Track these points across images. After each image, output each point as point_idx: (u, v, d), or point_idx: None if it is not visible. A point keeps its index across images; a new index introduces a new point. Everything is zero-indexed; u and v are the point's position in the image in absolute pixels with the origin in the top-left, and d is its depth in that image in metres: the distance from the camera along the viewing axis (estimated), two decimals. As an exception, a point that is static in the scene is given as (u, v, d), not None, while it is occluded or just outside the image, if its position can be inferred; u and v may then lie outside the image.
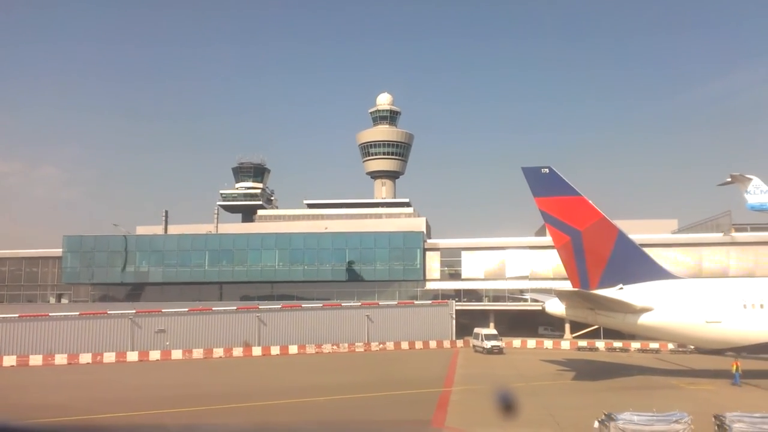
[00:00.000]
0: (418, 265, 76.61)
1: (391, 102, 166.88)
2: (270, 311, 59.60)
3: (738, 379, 36.37)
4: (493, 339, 58.82)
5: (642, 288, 39.60)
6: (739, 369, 36.67)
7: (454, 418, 26.10)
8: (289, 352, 57.05)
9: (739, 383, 36.17)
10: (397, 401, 30.41)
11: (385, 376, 41.65)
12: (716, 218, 73.66)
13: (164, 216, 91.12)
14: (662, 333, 41.45)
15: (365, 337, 62.57)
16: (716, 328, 37.88)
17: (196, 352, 53.73)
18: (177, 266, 77.78)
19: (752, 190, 79.44)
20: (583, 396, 31.71)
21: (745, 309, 37.92)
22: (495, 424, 24.99)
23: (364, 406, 29.00)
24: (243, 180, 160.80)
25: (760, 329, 37.54)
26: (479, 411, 28.31)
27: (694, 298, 38.82)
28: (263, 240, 78.23)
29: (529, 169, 42.54)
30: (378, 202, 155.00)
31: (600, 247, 40.86)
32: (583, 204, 41.45)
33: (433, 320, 66.72)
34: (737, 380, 36.36)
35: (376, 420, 24.04)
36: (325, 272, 77.04)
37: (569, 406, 29.20)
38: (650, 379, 40.33)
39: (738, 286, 41.67)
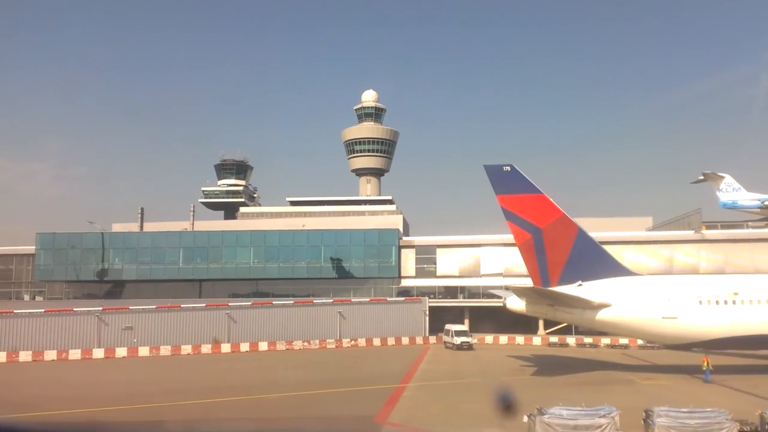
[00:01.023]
0: (393, 263, 76.78)
1: (377, 99, 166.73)
2: (240, 308, 59.45)
3: (708, 375, 35.66)
4: (463, 335, 59.21)
5: (600, 284, 40.01)
6: (709, 365, 36.03)
7: (399, 414, 26.25)
8: (259, 349, 56.93)
9: (708, 380, 35.42)
10: (349, 397, 30.56)
11: (346, 373, 41.79)
12: (687, 216, 74.53)
13: (140, 213, 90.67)
14: (619, 328, 41.94)
15: (337, 333, 62.65)
16: (672, 324, 38.39)
17: (163, 349, 53.49)
18: (151, 264, 77.38)
19: (724, 188, 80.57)
20: (536, 391, 31.82)
21: (700, 305, 38.45)
22: (437, 419, 25.36)
23: (314, 402, 29.05)
24: (225, 177, 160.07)
25: (715, 325, 38.12)
26: (426, 407, 28.60)
27: (651, 294, 39.32)
28: (238, 237, 78.04)
29: (491, 167, 42.78)
30: (361, 200, 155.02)
31: (560, 244, 41.21)
32: (543, 201, 41.77)
33: (406, 317, 66.91)
34: (707, 377, 35.60)
35: (318, 416, 24.10)
36: (300, 269, 77.02)
37: (519, 401, 29.41)
38: (609, 375, 40.78)
39: (694, 282, 42.23)
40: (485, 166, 42.96)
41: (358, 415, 24.34)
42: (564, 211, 41.90)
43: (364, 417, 24.14)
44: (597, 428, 18.66)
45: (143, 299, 63.90)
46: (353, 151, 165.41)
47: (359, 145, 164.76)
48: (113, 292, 79.10)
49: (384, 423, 23.18)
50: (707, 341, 39.03)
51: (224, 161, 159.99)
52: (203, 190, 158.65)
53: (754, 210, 78.43)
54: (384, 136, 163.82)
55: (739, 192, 79.47)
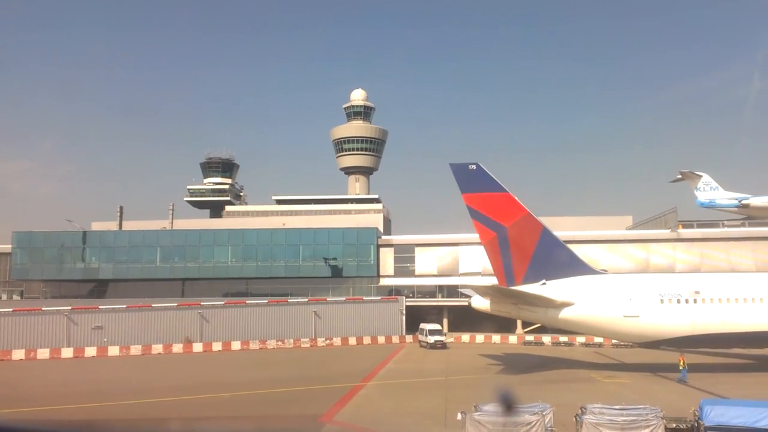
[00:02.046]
0: (372, 262, 76.66)
1: (365, 98, 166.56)
2: (213, 308, 59.20)
3: (684, 374, 35.09)
4: (436, 334, 59.25)
5: (564, 283, 40.13)
6: (685, 364, 35.60)
7: (347, 413, 26.21)
8: (232, 349, 56.73)
9: (686, 379, 34.82)
10: (304, 396, 30.49)
11: (310, 372, 41.71)
12: (664, 215, 74.90)
13: (119, 212, 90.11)
14: (582, 327, 42.08)
15: (312, 333, 62.53)
16: (633, 322, 38.56)
17: (133, 348, 53.21)
18: (128, 263, 76.90)
19: (702, 187, 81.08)
20: (490, 390, 31.94)
21: (662, 303, 38.63)
22: (384, 417, 25.32)
23: (266, 401, 28.98)
24: (211, 175, 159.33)
25: (676, 323, 38.32)
26: (377, 405, 28.57)
27: (613, 293, 39.46)
28: (216, 236, 77.67)
29: (456, 166, 42.82)
30: (347, 198, 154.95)
31: (525, 243, 41.29)
32: (508, 200, 41.84)
33: (382, 316, 66.87)
34: (684, 376, 35.04)
35: (263, 415, 24.01)
36: (278, 269, 76.78)
37: (470, 399, 29.42)
38: (573, 373, 40.87)
39: (656, 281, 42.37)
40: (451, 165, 43.00)
41: (303, 414, 24.26)
42: (529, 210, 42.00)
43: (309, 415, 24.05)
44: (526, 425, 18.67)
45: (126, 299, 63.39)
46: (342, 149, 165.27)
47: (348, 144, 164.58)
48: (97, 291, 78.58)
49: (328, 422, 23.09)
50: (669, 339, 39.25)
51: (210, 159, 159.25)
52: (189, 189, 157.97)
53: (732, 209, 78.97)
54: (373, 135, 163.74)
55: (717, 191, 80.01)
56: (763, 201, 76.68)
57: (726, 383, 34.25)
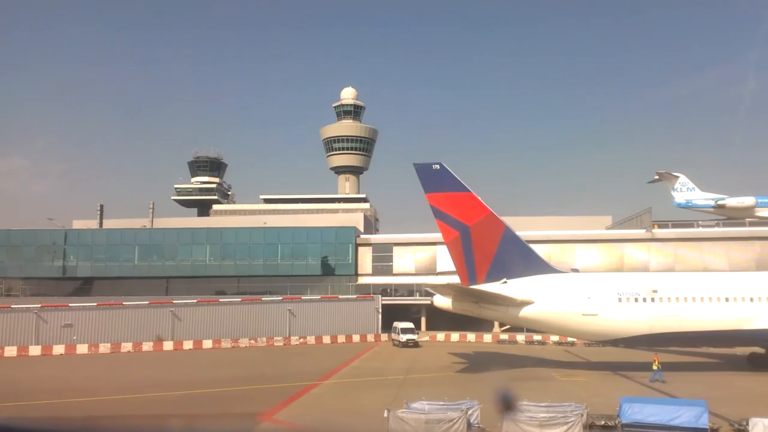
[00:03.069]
0: (350, 260, 76.85)
1: (356, 96, 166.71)
2: (186, 306, 59.17)
3: (659, 374, 34.78)
4: (409, 332, 59.40)
5: (524, 282, 40.35)
6: (659, 364, 35.38)
7: (291, 411, 26.33)
8: (203, 347, 56.78)
9: (662, 379, 34.54)
10: (254, 395, 30.63)
11: (272, 370, 41.80)
12: (639, 215, 75.29)
13: (99, 210, 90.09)
14: (542, 325, 42.33)
15: (287, 331, 62.61)
16: (592, 321, 38.81)
17: (102, 346, 53.19)
18: (106, 261, 76.81)
19: (679, 188, 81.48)
20: (444, 387, 32.06)
21: (620, 302, 38.90)
22: (325, 415, 25.46)
23: (214, 399, 29.09)
24: (199, 174, 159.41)
25: (634, 322, 38.58)
26: (324, 404, 28.71)
27: (572, 292, 39.69)
28: (194, 235, 77.65)
29: (420, 165, 42.97)
30: (335, 198, 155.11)
31: (487, 242, 41.47)
32: (471, 200, 42.01)
33: (358, 315, 67.00)
34: (659, 376, 34.70)
35: (201, 414, 24.10)
36: (256, 267, 76.80)
37: (419, 397, 29.63)
38: (533, 371, 41.04)
39: (615, 280, 42.63)
40: (415, 165, 43.15)
41: (243, 412, 24.40)
42: (491, 210, 42.19)
43: (248, 414, 24.23)
44: (448, 422, 18.84)
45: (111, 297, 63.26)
46: (332, 149, 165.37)
47: (338, 143, 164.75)
48: (82, 290, 78.31)
49: (266, 420, 23.21)
50: (627, 338, 39.53)
51: (198, 158, 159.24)
52: (176, 188, 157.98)
53: (708, 210, 79.42)
54: (363, 134, 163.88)
55: (694, 192, 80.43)
56: (739, 202, 77.18)
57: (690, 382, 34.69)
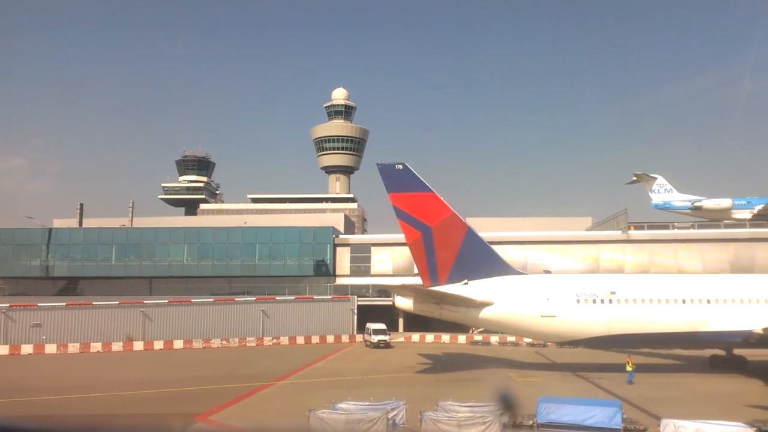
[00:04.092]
0: (328, 261, 76.89)
1: (347, 97, 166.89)
2: (156, 306, 59.06)
3: (631, 376, 34.93)
4: (380, 333, 59.38)
5: (485, 283, 40.45)
6: (632, 366, 35.45)
7: (231, 412, 26.33)
8: (174, 347, 56.67)
9: (631, 381, 34.68)
10: (201, 395, 30.61)
11: (235, 370, 41.73)
12: (616, 217, 75.56)
13: (78, 209, 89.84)
14: (502, 326, 42.47)
15: (260, 332, 62.56)
16: (550, 322, 38.96)
17: (72, 346, 53.05)
18: (83, 260, 76.68)
19: (657, 189, 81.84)
20: (394, 388, 32.02)
21: (578, 303, 39.04)
22: (262, 416, 25.48)
23: (159, 400, 29.10)
24: (187, 173, 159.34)
25: (592, 323, 38.72)
26: (267, 405, 28.71)
27: (532, 293, 39.82)
28: (171, 234, 77.53)
29: (383, 166, 43.04)
30: (323, 197, 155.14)
31: (449, 243, 41.55)
32: (434, 200, 42.09)
33: (333, 315, 66.94)
34: (631, 378, 34.84)
35: (142, 413, 24.11)
36: (234, 267, 76.80)
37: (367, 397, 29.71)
38: (493, 372, 41.16)
39: (575, 281, 42.76)
40: (378, 165, 43.24)
41: (181, 412, 24.44)
42: (454, 210, 42.29)
43: (185, 414, 24.25)
44: (368, 422, 18.90)
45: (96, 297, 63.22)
46: (323, 148, 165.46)
47: (329, 143, 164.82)
48: (67, 289, 78.03)
49: (201, 420, 23.23)
50: (585, 339, 39.69)
51: (185, 157, 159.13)
52: (163, 186, 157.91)
53: (686, 211, 79.80)
54: (354, 134, 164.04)
55: (671, 193, 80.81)
56: (716, 203, 77.62)
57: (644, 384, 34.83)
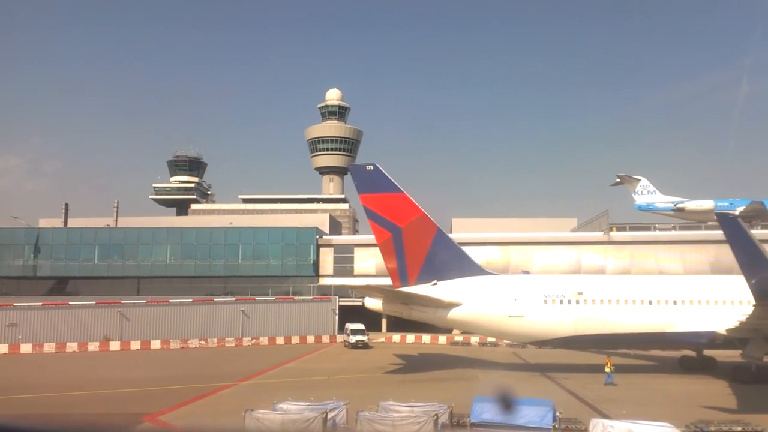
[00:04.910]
0: (311, 261, 76.91)
1: (341, 97, 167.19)
2: (134, 306, 59.10)
3: (610, 378, 34.75)
4: (358, 334, 59.42)
5: (454, 284, 40.54)
6: (611, 367, 35.19)
7: (183, 412, 26.32)
8: (151, 348, 56.67)
9: (611, 382, 34.58)
10: (158, 395, 30.57)
11: (204, 370, 41.78)
12: (598, 218, 75.70)
13: (64, 209, 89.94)
14: (470, 326, 42.56)
15: (239, 332, 62.58)
16: (518, 322, 39.04)
17: (47, 346, 53.08)
18: (66, 260, 76.64)
19: (640, 191, 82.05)
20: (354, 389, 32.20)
21: (545, 304, 39.13)
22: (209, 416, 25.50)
23: (117, 399, 29.10)
24: (178, 173, 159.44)
25: (559, 323, 38.81)
26: (222, 405, 28.73)
27: (500, 294, 39.89)
28: (154, 234, 77.48)
29: (354, 167, 43.29)
30: (314, 198, 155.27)
31: (419, 243, 41.61)
32: (404, 201, 42.17)
33: (314, 316, 67.03)
34: (610, 379, 34.74)
35: (87, 413, 24.15)
36: (217, 268, 76.78)
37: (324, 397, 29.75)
38: (462, 372, 41.16)
39: (542, 282, 42.89)
40: (350, 166, 43.45)
41: (128, 413, 24.49)
42: (424, 211, 42.37)
43: (133, 414, 24.30)
44: (304, 422, 18.96)
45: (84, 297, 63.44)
46: (316, 149, 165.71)
47: (322, 144, 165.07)
48: (58, 289, 77.95)
49: (149, 420, 23.31)
50: (553, 339, 39.79)
51: (177, 157, 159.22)
52: (154, 187, 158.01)
53: (668, 213, 80.00)
54: (347, 135, 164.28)
55: (655, 195, 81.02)
56: (698, 205, 77.89)
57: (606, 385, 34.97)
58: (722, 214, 28.31)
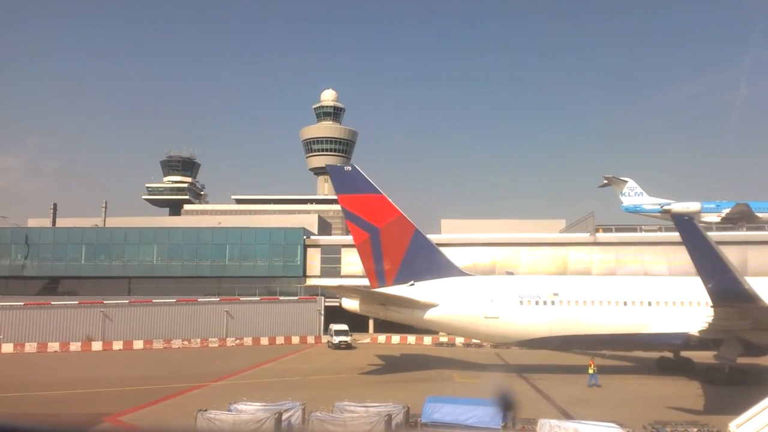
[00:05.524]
0: (298, 262, 76.85)
1: (336, 98, 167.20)
2: (117, 306, 59.04)
3: (594, 378, 34.75)
4: (342, 334, 59.40)
5: (431, 284, 40.56)
6: (594, 368, 35.19)
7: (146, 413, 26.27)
8: (134, 348, 56.60)
9: (596, 383, 34.59)
10: (126, 396, 30.51)
11: (179, 371, 41.68)
12: (584, 219, 75.82)
13: (52, 209, 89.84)
14: (446, 327, 42.56)
15: (223, 332, 62.55)
16: (493, 323, 39.07)
17: (29, 346, 53.00)
18: (53, 260, 76.50)
19: (627, 192, 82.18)
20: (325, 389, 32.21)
21: (521, 305, 39.16)
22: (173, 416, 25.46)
23: (84, 400, 29.10)
24: (171, 174, 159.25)
25: (534, 324, 38.84)
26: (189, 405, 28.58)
27: (476, 294, 39.91)
28: (141, 234, 77.37)
29: (333, 167, 43.32)
30: (308, 198, 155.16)
31: (397, 244, 41.66)
32: (382, 202, 42.21)
33: (299, 316, 67.03)
34: (595, 380, 34.69)
35: (52, 413, 24.12)
36: (204, 268, 76.67)
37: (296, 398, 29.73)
38: (439, 373, 41.07)
39: (518, 283, 42.94)
40: (327, 167, 43.41)
41: (89, 413, 24.47)
42: (402, 212, 42.41)
43: (94, 414, 24.28)
44: (257, 422, 18.93)
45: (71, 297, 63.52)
46: (311, 150, 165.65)
47: (317, 144, 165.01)
48: (50, 289, 77.74)
49: (109, 421, 23.28)
50: (528, 340, 39.83)
51: (170, 158, 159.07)
52: (147, 187, 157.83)
53: (655, 215, 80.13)
54: (342, 136, 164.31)
55: (642, 197, 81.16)
56: (685, 207, 77.99)
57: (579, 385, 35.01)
58: (677, 216, 28.40)
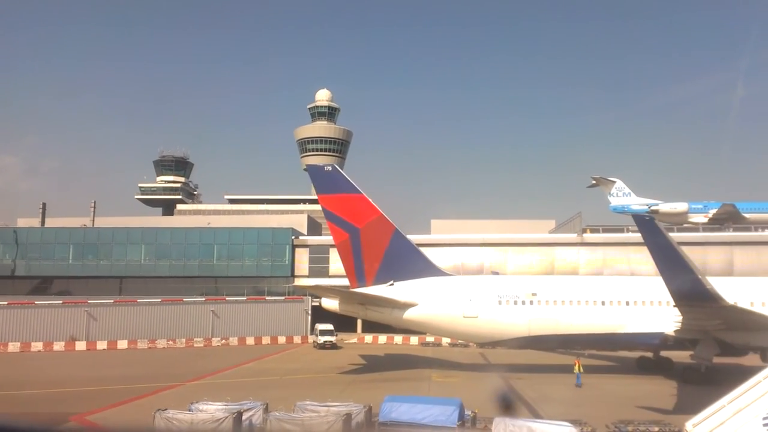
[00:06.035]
0: (286, 262, 76.82)
1: (331, 98, 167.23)
2: (101, 306, 58.94)
3: (579, 379, 34.88)
4: (327, 334, 59.37)
5: (410, 284, 40.61)
6: (580, 369, 35.37)
7: (117, 411, 26.30)
8: (118, 347, 56.51)
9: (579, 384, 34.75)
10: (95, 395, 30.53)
11: (159, 371, 41.63)
12: (571, 219, 75.98)
13: (41, 209, 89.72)
14: (426, 326, 42.58)
15: (209, 332, 62.47)
16: (472, 323, 39.12)
17: (12, 345, 52.89)
18: (40, 260, 76.37)
19: (615, 193, 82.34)
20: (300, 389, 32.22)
21: (499, 305, 39.22)
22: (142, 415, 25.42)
23: (54, 399, 29.14)
24: (164, 173, 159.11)
25: (512, 324, 38.91)
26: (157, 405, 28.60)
27: (455, 294, 39.97)
28: (129, 234, 77.25)
29: (312, 167, 43.32)
30: (301, 198, 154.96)
31: (376, 244, 41.70)
32: (362, 202, 42.25)
33: (286, 316, 66.95)
34: (578, 380, 34.81)
35: (18, 412, 24.11)
36: (192, 268, 76.59)
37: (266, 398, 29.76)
38: (417, 373, 41.08)
39: (497, 283, 42.97)
40: (308, 167, 43.43)
41: (55, 412, 24.45)
42: (382, 212, 42.44)
43: (61, 413, 24.26)
44: (214, 422, 18.95)
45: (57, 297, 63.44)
46: (306, 150, 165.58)
47: (312, 144, 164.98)
48: (41, 288, 77.54)
49: (75, 420, 23.27)
50: (506, 340, 39.89)
51: (163, 157, 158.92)
52: (140, 186, 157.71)
53: (644, 215, 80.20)
54: (337, 136, 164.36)
55: (630, 197, 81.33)
56: (672, 207, 78.32)
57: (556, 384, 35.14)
58: (638, 217, 28.47)
